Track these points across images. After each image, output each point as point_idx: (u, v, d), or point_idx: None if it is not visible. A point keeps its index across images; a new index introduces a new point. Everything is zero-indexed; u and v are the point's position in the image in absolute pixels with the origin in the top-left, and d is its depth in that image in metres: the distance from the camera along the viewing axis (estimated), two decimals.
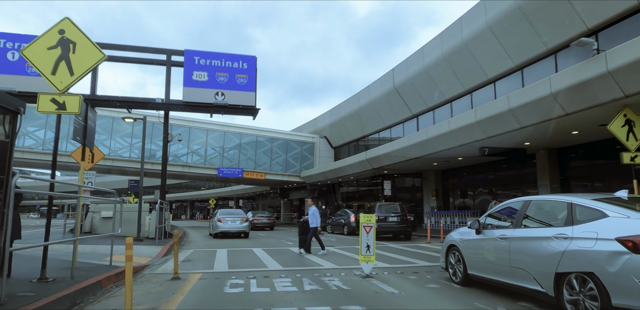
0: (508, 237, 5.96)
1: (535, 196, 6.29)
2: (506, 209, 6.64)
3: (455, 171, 25.10)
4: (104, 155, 16.96)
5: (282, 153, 36.61)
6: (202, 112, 17.67)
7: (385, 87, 27.21)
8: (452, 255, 7.50)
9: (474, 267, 6.78)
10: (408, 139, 20.78)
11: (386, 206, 18.61)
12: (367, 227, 8.42)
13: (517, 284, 5.71)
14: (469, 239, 7.00)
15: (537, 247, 5.34)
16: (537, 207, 6.03)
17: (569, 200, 5.37)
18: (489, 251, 6.38)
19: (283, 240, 18.60)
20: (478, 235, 6.74)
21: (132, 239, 5.34)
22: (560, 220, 5.34)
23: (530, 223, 5.90)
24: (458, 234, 7.51)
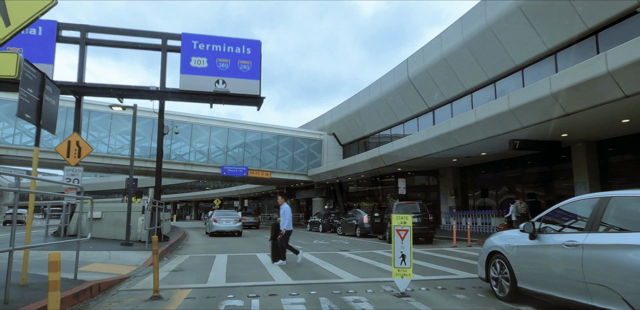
0: (579, 244, 4.67)
1: (615, 192, 4.79)
2: (573, 207, 5.35)
3: (474, 168, 23.14)
4: (92, 150, 15.15)
5: (289, 151, 34.76)
6: (200, 101, 15.85)
7: (399, 78, 25.29)
8: (495, 265, 6.20)
9: (526, 279, 5.52)
10: (427, 132, 18.84)
11: (404, 206, 16.69)
12: (402, 231, 6.52)
13: (595, 304, 4.43)
14: (519, 246, 5.70)
15: (630, 259, 4.04)
16: (621, 205, 4.64)
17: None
18: (549, 261, 5.13)
19: (291, 244, 16.71)
20: (532, 241, 5.45)
21: (58, 255, 3.48)
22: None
23: (612, 226, 4.60)
24: (502, 239, 6.18)
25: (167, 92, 15.11)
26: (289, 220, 10.46)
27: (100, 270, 8.42)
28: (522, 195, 19.94)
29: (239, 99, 15.55)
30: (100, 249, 11.51)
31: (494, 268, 6.23)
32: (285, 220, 10.41)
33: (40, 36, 14.91)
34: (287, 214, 10.47)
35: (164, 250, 12.10)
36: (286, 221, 10.42)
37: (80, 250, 10.93)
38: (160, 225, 14.98)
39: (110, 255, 10.43)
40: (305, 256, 11.94)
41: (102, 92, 14.70)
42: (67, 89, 14.38)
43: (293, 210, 45.86)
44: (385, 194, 31.56)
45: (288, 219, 10.45)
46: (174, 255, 12.23)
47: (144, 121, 31.09)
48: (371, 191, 33.54)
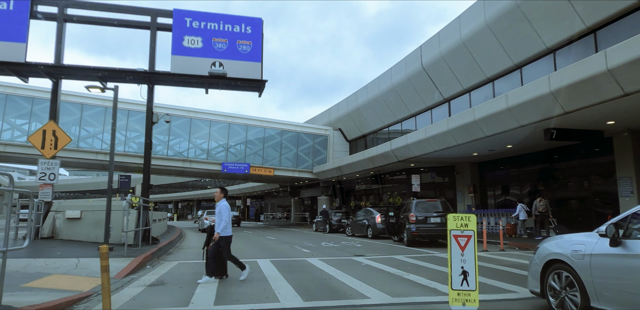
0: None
1: None
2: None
3: (494, 163, 21.11)
4: (70, 140, 13.25)
5: (293, 147, 32.80)
6: (194, 86, 13.91)
7: (412, 67, 23.29)
8: (557, 277, 4.91)
9: (606, 298, 4.26)
10: (447, 123, 16.85)
11: (425, 204, 14.72)
12: (462, 238, 4.53)
13: None
14: (595, 254, 4.44)
15: None
16: None
17: None
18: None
19: (297, 246, 14.78)
20: (615, 249, 4.21)
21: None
22: None
23: None
24: (566, 245, 4.86)
25: (156, 75, 13.17)
26: (226, 222, 7.73)
27: (56, 285, 6.49)
28: (548, 193, 17.94)
29: (238, 83, 13.59)
30: (69, 255, 9.58)
31: (554, 281, 4.93)
32: (221, 221, 7.71)
33: (12, 11, 13.00)
34: (225, 213, 7.76)
35: (148, 256, 10.16)
36: (222, 223, 7.70)
37: (44, 258, 9.03)
38: (148, 226, 13.05)
39: (79, 264, 8.50)
40: (315, 263, 9.98)
41: (81, 74, 12.78)
42: (40, 70, 12.47)
43: (297, 209, 43.87)
44: (394, 192, 29.57)
45: (226, 220, 7.73)
46: (160, 262, 10.29)
47: (140, 115, 29.18)
48: (380, 189, 31.53)
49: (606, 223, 4.38)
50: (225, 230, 7.77)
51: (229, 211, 7.89)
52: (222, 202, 7.89)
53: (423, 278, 7.73)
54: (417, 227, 13.93)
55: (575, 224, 16.20)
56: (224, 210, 7.77)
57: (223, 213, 7.75)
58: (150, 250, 11.14)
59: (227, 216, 7.76)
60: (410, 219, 14.09)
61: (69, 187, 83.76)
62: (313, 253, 12.42)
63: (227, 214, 7.77)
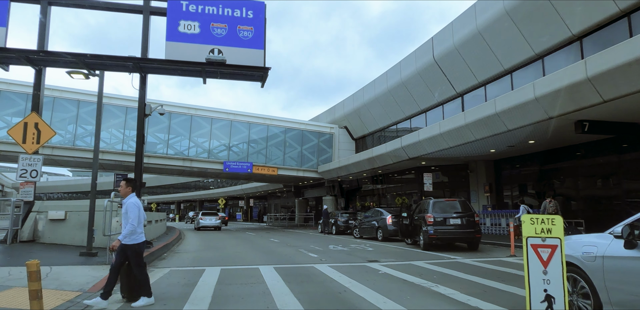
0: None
1: None
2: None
3: (512, 161, 19.77)
4: (54, 134, 12.05)
5: (297, 145, 31.53)
6: (190, 75, 12.64)
7: (422, 60, 21.99)
8: (569, 280, 4.47)
9: (620, 303, 3.85)
10: (464, 116, 15.55)
11: (443, 204, 13.38)
12: (544, 248, 3.24)
13: None
14: (608, 256, 4.06)
15: None
16: None
17: None
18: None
19: (303, 250, 13.49)
20: (630, 251, 3.77)
21: None
22: None
23: None
24: (577, 247, 4.49)
25: (148, 62, 11.91)
26: (133, 225, 5.65)
27: (10, 303, 5.23)
28: (573, 191, 16.62)
29: (238, 71, 12.31)
30: (44, 262, 8.27)
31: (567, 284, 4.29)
32: (126, 225, 5.69)
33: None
34: (133, 214, 5.70)
35: None
36: (128, 227, 5.64)
37: (11, 266, 7.76)
38: None
39: (50, 273, 7.24)
40: (325, 271, 8.69)
41: (66, 61, 11.53)
42: (21, 57, 11.24)
43: (301, 209, 42.44)
44: (403, 192, 28.24)
45: (133, 223, 5.65)
46: (149, 269, 9.00)
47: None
48: (387, 189, 30.20)
49: (621, 223, 4.00)
50: (132, 237, 5.69)
51: (140, 210, 5.81)
52: (130, 199, 5.88)
53: (456, 291, 6.44)
54: (435, 229, 12.61)
55: (603, 225, 14.82)
56: (132, 210, 5.72)
57: (130, 213, 5.70)
58: None
59: (135, 217, 5.68)
60: (427, 220, 12.77)
61: (71, 187, 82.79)
62: (321, 258, 11.13)
63: (135, 214, 5.69)
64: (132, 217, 5.69)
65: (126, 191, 6.02)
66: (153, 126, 28.28)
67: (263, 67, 12.04)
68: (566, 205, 16.46)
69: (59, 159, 28.73)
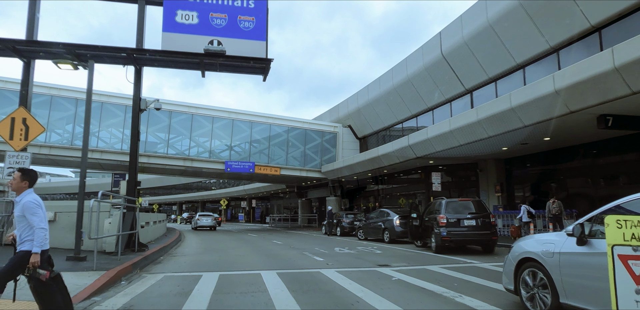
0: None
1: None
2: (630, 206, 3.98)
3: (524, 159, 18.96)
4: (44, 130, 11.27)
5: (300, 145, 30.76)
6: (188, 67, 11.87)
7: (430, 56, 21.20)
8: (530, 275, 4.97)
9: (573, 294, 4.31)
10: (476, 112, 14.77)
11: (456, 204, 12.57)
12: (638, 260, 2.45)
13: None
14: (563, 253, 4.47)
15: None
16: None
17: None
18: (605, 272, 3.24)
19: (308, 253, 12.71)
20: (581, 247, 4.24)
21: None
22: None
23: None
24: (538, 244, 4.91)
25: (144, 53, 11.15)
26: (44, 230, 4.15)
27: None
28: (591, 191, 15.80)
29: (238, 62, 11.54)
30: None
31: (527, 278, 5.04)
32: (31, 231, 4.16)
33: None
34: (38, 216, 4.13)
35: (127, 267, 8.13)
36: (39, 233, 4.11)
37: None
38: (134, 230, 11.01)
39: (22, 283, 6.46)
40: (332, 277, 7.90)
41: (56, 53, 10.78)
42: (7, 47, 10.50)
43: (305, 210, 41.63)
44: (411, 192, 27.44)
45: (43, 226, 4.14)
46: (141, 275, 8.26)
47: None
48: (394, 189, 29.39)
49: (574, 223, 4.45)
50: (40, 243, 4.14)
51: (43, 209, 4.24)
52: (27, 196, 4.23)
53: (485, 303, 5.65)
54: (449, 231, 11.81)
55: None
56: (35, 211, 4.13)
57: (34, 216, 4.11)
58: (132, 259, 9.11)
59: (42, 218, 4.17)
60: (440, 221, 11.98)
61: (74, 188, 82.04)
62: (328, 262, 10.35)
63: (41, 215, 4.15)
64: (38, 219, 4.11)
65: (20, 186, 4.26)
66: (153, 125, 27.60)
67: (265, 59, 11.26)
68: (581, 205, 15.63)
69: (58, 159, 28.06)
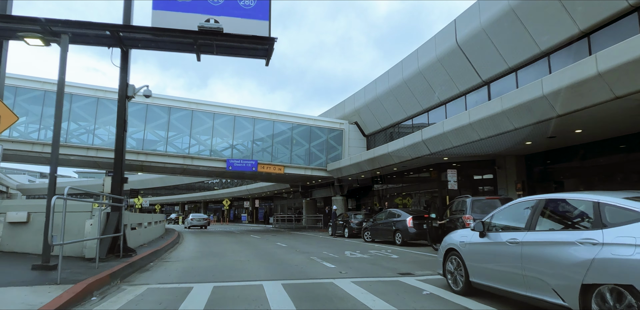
0: (520, 241, 4.96)
1: (551, 194, 5.14)
2: (516, 209, 5.56)
3: (546, 155, 17.49)
4: (17, 119, 9.89)
5: (305, 142, 29.36)
6: (181, 49, 10.48)
7: (443, 46, 19.77)
8: (452, 261, 6.42)
9: (477, 274, 5.72)
10: (500, 102, 13.33)
11: (483, 202, 11.15)
12: None
13: (531, 295, 4.67)
14: (471, 243, 5.92)
15: (558, 254, 4.36)
16: (555, 207, 4.99)
17: (595, 199, 4.36)
18: (496, 257, 5.38)
19: (316, 258, 11.30)
20: (482, 239, 5.69)
21: None
22: (586, 223, 4.38)
23: (546, 226, 4.86)
24: (459, 237, 6.38)
25: (130, 31, 9.78)
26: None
27: None
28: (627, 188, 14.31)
29: (237, 42, 10.13)
30: None
31: (450, 264, 6.39)
32: None
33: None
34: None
35: (102, 278, 6.74)
36: None
37: None
38: (119, 233, 9.62)
39: None
40: (349, 290, 6.48)
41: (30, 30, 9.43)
42: None
43: (310, 210, 40.16)
44: (422, 191, 25.99)
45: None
46: (121, 287, 6.87)
47: (137, 107, 25.99)
48: (403, 188, 27.93)
49: (477, 221, 5.91)
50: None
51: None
52: None
53: None
54: None
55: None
56: None
57: None
58: (113, 268, 7.72)
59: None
60: (466, 222, 10.56)
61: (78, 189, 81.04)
62: (341, 270, 8.93)
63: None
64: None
65: None
66: (151, 122, 26.29)
67: (267, 38, 9.83)
68: None
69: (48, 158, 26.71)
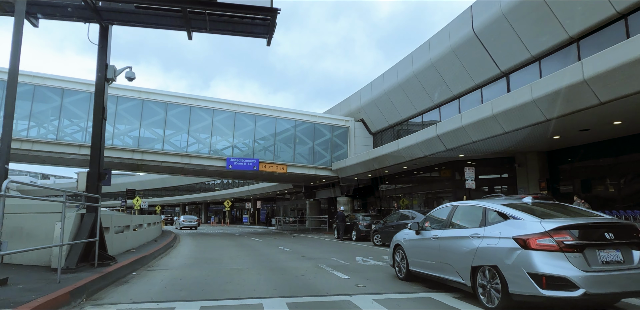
0: (439, 236, 6.44)
1: (460, 202, 6.80)
2: (440, 212, 7.03)
3: (572, 152, 15.95)
4: None
5: (308, 140, 27.88)
6: (169, 24, 8.94)
7: (458, 35, 18.28)
8: (397, 254, 7.87)
9: (414, 263, 7.17)
10: (530, 90, 11.82)
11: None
12: None
13: (445, 277, 6.16)
14: (410, 239, 7.40)
15: (459, 245, 5.86)
16: (461, 210, 6.43)
17: (484, 205, 5.91)
18: (425, 249, 6.85)
19: (325, 266, 9.79)
20: (418, 236, 7.15)
21: None
22: (477, 222, 5.81)
23: (455, 224, 6.35)
24: (403, 235, 7.83)
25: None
26: None
27: None
28: None
29: (234, 14, 8.63)
30: None
31: (396, 257, 7.92)
32: None
33: None
34: None
35: (60, 297, 5.24)
36: None
37: None
38: (94, 238, 8.11)
39: None
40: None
41: None
42: None
43: (314, 212, 38.52)
44: (429, 191, 24.46)
45: None
46: (84, 308, 5.37)
47: (132, 102, 24.58)
48: (412, 188, 26.40)
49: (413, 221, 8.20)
50: None
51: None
52: None
53: None
54: None
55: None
56: None
57: None
58: (78, 282, 6.22)
59: None
60: None
61: None
62: (357, 282, 7.42)
63: None
64: None
65: None
66: (147, 119, 24.85)
67: (269, 8, 8.26)
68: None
69: (43, 156, 25.32)
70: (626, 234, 4.88)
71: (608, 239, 4.75)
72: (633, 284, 4.57)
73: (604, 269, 4.56)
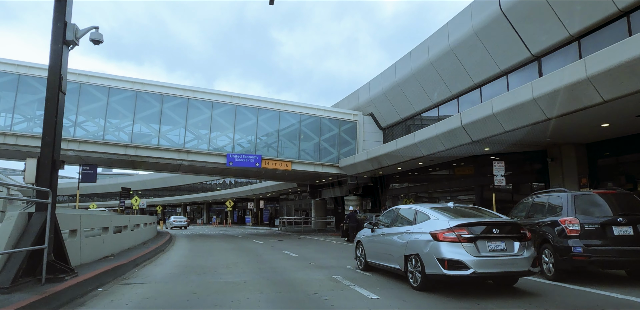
0: (385, 233, 7.72)
1: (400, 206, 8.25)
2: (389, 213, 8.38)
3: (616, 144, 13.94)
4: None
5: (314, 136, 25.91)
6: None
7: (482, 16, 16.29)
8: (359, 249, 9.05)
9: (369, 256, 8.44)
10: (584, 65, 9.83)
11: (590, 199, 7.60)
12: None
13: (390, 265, 7.37)
14: (367, 236, 8.67)
15: (396, 239, 7.18)
16: (402, 212, 7.75)
17: (415, 208, 7.27)
18: (376, 244, 8.10)
19: (340, 277, 7.81)
20: (372, 233, 8.39)
21: None
22: (410, 221, 7.12)
23: (396, 223, 7.62)
24: (362, 232, 9.11)
25: None
26: None
27: None
28: None
29: None
30: None
31: (358, 251, 9.11)
32: None
33: None
34: None
35: None
36: None
37: None
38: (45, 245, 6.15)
39: None
40: None
41: None
42: None
43: (319, 212, 36.45)
44: (449, 189, 22.45)
45: None
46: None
47: (125, 94, 22.69)
48: (428, 186, 24.37)
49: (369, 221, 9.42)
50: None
51: None
52: None
53: None
54: (587, 245, 6.84)
55: None
56: None
57: None
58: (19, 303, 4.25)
59: None
60: (568, 228, 7.03)
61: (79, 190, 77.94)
62: (389, 304, 5.45)
63: None
64: None
65: None
66: (141, 112, 22.97)
67: None
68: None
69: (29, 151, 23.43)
70: (510, 230, 6.24)
71: (494, 234, 6.10)
72: (511, 265, 5.94)
73: (490, 256, 5.93)
